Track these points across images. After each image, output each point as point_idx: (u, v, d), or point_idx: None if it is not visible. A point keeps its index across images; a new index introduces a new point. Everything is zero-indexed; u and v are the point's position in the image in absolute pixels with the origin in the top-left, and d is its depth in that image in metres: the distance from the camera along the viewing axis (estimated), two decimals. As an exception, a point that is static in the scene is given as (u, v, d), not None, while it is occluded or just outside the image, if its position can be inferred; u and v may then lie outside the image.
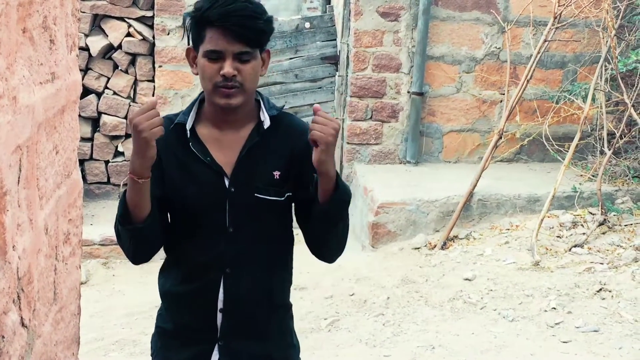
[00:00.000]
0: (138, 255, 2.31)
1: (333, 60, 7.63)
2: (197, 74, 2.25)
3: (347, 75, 7.48)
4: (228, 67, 2.13)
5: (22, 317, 1.39)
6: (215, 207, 2.26)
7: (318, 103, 7.89)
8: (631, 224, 6.15)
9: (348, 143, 7.49)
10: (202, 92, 2.30)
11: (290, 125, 2.34)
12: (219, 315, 2.30)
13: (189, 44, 2.26)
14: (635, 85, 6.48)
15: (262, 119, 2.29)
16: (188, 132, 2.26)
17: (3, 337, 1.29)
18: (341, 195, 2.19)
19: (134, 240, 2.23)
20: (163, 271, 2.41)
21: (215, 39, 2.13)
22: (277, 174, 2.27)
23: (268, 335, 2.36)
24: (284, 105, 2.36)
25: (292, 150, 2.29)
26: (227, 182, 2.26)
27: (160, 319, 2.42)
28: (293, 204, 2.35)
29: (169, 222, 2.33)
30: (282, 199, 2.28)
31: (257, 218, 2.28)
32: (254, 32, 2.15)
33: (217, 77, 2.15)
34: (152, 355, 2.45)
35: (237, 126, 2.29)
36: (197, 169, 2.26)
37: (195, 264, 2.31)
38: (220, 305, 2.29)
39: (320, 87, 7.69)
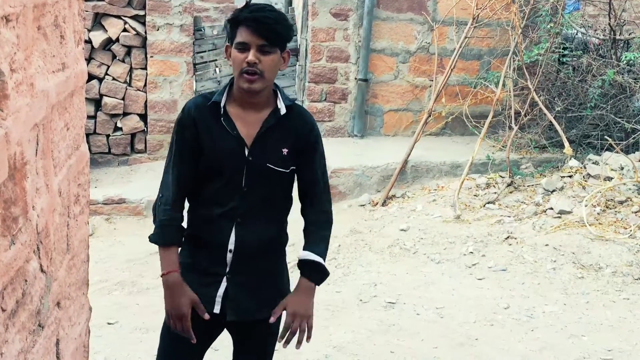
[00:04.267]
0: None
1: (294, 52, 7.57)
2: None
3: (305, 65, 7.44)
4: (251, 56, 2.24)
5: (41, 265, 1.38)
6: (236, 170, 2.34)
7: (282, 88, 7.91)
8: (532, 185, 6.26)
9: (307, 120, 7.46)
10: (232, 77, 2.39)
11: (299, 114, 2.45)
12: (229, 255, 2.37)
13: (227, 42, 2.38)
14: (537, 73, 6.56)
15: (279, 106, 2.38)
16: (222, 109, 2.35)
17: (26, 280, 1.28)
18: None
19: None
20: (188, 215, 2.48)
21: (244, 34, 2.26)
22: (285, 150, 2.37)
23: (265, 273, 2.43)
24: (296, 98, 2.46)
25: (298, 135, 2.40)
26: (247, 152, 2.34)
27: (181, 256, 2.45)
28: (296, 177, 2.48)
29: (198, 176, 2.40)
30: (287, 171, 2.39)
31: (266, 182, 2.37)
32: (272, 32, 2.26)
33: (243, 64, 2.25)
34: None
35: (257, 108, 2.37)
36: (225, 139, 2.34)
37: (215, 213, 2.38)
38: (230, 247, 2.37)
39: (283, 75, 7.62)
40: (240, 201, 2.35)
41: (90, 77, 7.22)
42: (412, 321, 4.29)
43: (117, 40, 7.40)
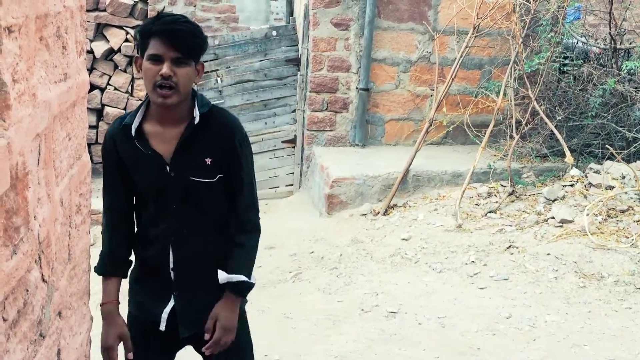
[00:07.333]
0: None
1: (295, 62, 7.59)
2: (141, 78, 2.31)
3: (307, 74, 7.45)
4: (166, 69, 2.14)
5: (42, 274, 1.38)
6: (160, 188, 2.28)
7: (283, 97, 7.87)
8: (534, 194, 6.26)
9: (308, 130, 7.48)
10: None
11: (220, 119, 2.33)
12: (172, 273, 2.34)
13: (137, 53, 2.27)
14: (538, 82, 6.57)
15: (195, 115, 2.27)
16: (133, 131, 2.26)
17: (27, 290, 1.28)
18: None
19: None
20: (136, 239, 2.44)
21: (157, 45, 2.15)
22: (208, 160, 2.28)
23: (213, 285, 2.34)
24: (211, 103, 2.34)
25: (219, 141, 2.29)
26: (168, 169, 2.27)
27: (132, 274, 2.46)
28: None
29: (137, 198, 2.39)
30: (214, 180, 2.30)
31: (194, 196, 2.30)
32: (186, 44, 2.17)
33: (157, 77, 2.15)
34: (128, 302, 2.48)
35: (176, 122, 2.28)
36: (144, 160, 2.27)
37: (151, 235, 2.36)
38: (171, 265, 2.34)
39: (285, 84, 7.66)
40: (173, 219, 2.31)
41: (92, 87, 7.25)
42: (413, 330, 4.28)
43: (119, 50, 7.43)
